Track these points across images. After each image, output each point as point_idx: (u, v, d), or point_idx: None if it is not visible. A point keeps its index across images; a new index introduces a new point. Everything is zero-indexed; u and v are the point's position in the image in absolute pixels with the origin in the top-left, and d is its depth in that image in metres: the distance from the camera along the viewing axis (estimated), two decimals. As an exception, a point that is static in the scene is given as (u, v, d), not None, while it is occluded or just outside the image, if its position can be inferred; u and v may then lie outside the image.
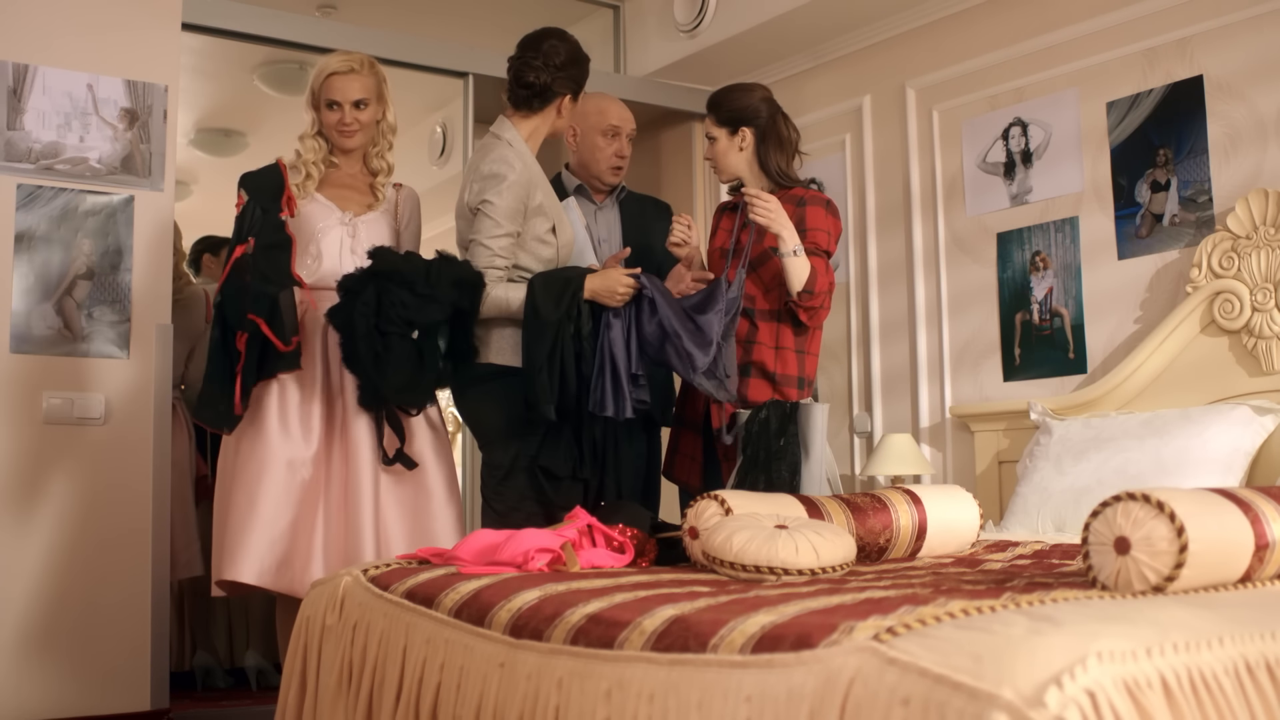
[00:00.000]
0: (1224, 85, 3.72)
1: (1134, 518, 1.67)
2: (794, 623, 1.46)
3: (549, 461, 3.15)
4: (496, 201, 3.13)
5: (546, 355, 3.04)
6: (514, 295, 3.11)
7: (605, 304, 3.07)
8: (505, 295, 3.11)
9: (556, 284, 3.10)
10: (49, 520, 3.60)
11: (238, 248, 3.13)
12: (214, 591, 3.19)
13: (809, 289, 3.27)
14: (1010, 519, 3.58)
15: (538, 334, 3.05)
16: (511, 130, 3.26)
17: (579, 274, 3.13)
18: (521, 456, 3.14)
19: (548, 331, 3.05)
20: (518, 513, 3.12)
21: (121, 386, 3.73)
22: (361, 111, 3.30)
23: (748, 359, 3.33)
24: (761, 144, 3.47)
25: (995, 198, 4.36)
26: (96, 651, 3.62)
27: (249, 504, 3.06)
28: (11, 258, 3.61)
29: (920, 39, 4.66)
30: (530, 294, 3.09)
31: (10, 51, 3.66)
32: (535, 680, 1.68)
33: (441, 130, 6.14)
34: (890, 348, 4.73)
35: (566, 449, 3.16)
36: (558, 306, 3.07)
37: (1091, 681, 1.18)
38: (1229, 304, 3.55)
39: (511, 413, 3.13)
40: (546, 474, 3.16)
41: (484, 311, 3.13)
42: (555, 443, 3.15)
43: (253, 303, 3.02)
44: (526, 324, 3.08)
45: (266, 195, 3.22)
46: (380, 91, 3.36)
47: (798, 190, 3.45)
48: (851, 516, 2.48)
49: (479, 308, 3.08)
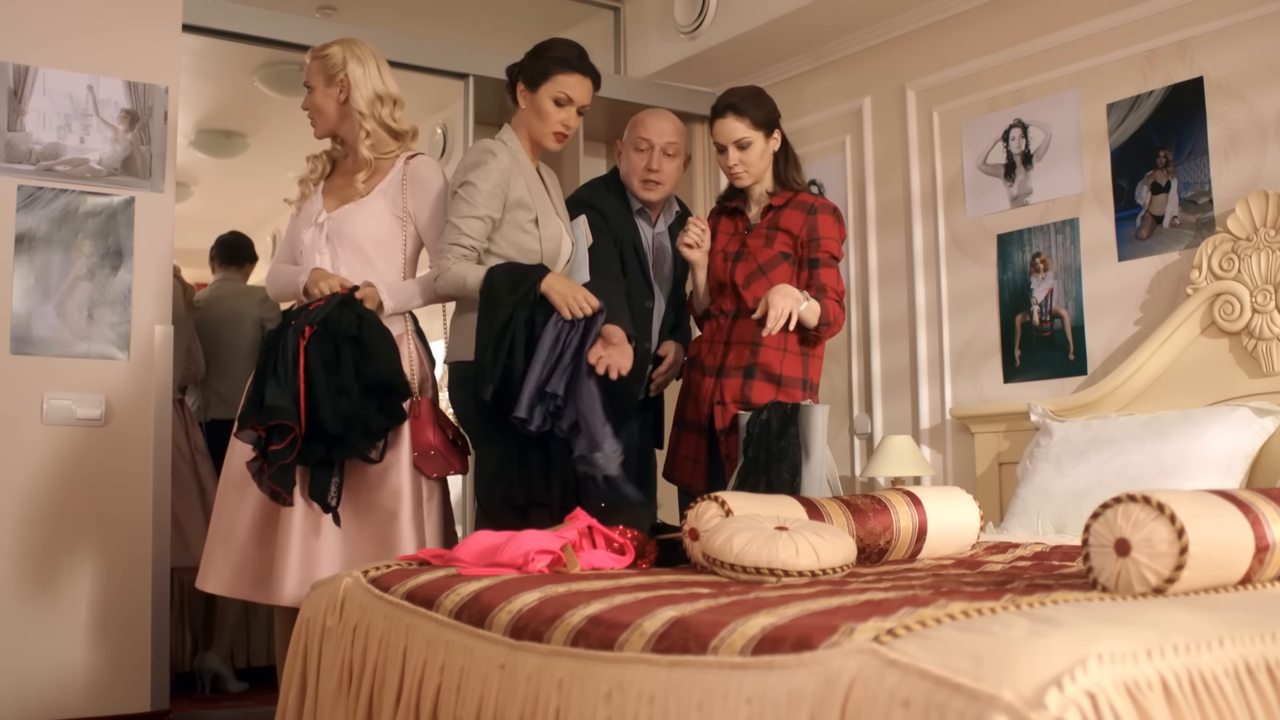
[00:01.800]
0: (1224, 87, 3.72)
1: (1134, 519, 1.67)
2: (794, 624, 1.46)
3: (505, 492, 3.14)
4: (474, 183, 3.16)
5: (495, 336, 3.03)
6: (471, 274, 3.12)
7: (556, 306, 3.06)
8: (463, 273, 3.12)
9: (517, 271, 3.13)
10: (49, 521, 3.60)
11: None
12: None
13: (825, 321, 3.30)
14: (1010, 520, 3.58)
15: (490, 313, 3.06)
16: (508, 131, 3.34)
17: (541, 269, 3.16)
18: (506, 456, 3.13)
19: (500, 314, 3.04)
20: (507, 513, 3.12)
21: (122, 388, 3.73)
22: (312, 96, 3.29)
23: (753, 360, 3.33)
24: (783, 145, 3.48)
25: (995, 199, 4.36)
26: (96, 652, 3.62)
27: (215, 515, 3.15)
28: (12, 259, 3.61)
29: (920, 40, 4.66)
30: (489, 278, 3.10)
31: (11, 53, 3.66)
32: (535, 682, 1.68)
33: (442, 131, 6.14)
34: (890, 349, 4.73)
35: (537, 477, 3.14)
36: (513, 292, 3.07)
37: (1092, 683, 1.18)
38: (1229, 305, 3.55)
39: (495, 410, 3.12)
40: (511, 504, 3.14)
41: (440, 288, 3.16)
42: (526, 472, 3.13)
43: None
44: (482, 302, 3.09)
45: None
46: (330, 74, 3.25)
47: (806, 197, 3.45)
48: (852, 518, 2.48)
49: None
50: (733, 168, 3.42)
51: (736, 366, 3.35)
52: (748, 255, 3.40)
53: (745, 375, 3.33)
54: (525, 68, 3.32)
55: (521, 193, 3.23)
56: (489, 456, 3.16)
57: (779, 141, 3.45)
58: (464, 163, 3.26)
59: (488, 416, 3.10)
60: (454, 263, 3.14)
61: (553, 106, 3.29)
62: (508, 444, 3.11)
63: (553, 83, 3.28)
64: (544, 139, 3.33)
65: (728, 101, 3.40)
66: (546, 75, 3.28)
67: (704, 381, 3.41)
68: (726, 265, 3.42)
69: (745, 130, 3.37)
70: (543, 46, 3.34)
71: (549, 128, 3.31)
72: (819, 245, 3.36)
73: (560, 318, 3.05)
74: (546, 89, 3.28)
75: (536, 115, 3.31)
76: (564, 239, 3.35)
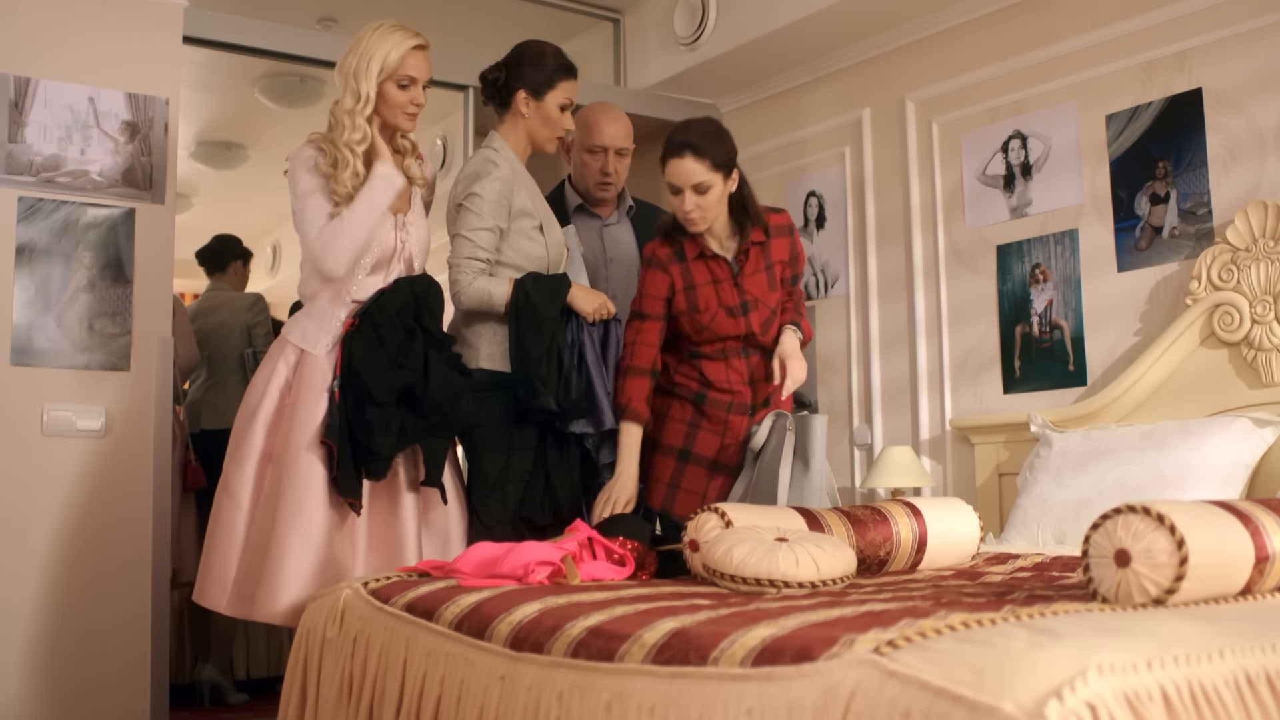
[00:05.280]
0: (1223, 98, 3.73)
1: (1134, 530, 1.67)
2: (794, 635, 1.46)
3: (529, 512, 3.15)
4: (480, 194, 3.17)
5: (547, 349, 3.10)
6: (496, 289, 3.14)
7: (583, 314, 3.21)
8: (487, 288, 3.14)
9: (549, 284, 3.18)
10: (49, 532, 3.60)
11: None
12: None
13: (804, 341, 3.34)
14: (1010, 531, 3.58)
15: (535, 327, 3.11)
16: (499, 139, 3.32)
17: (565, 279, 3.23)
18: (511, 468, 3.14)
19: (545, 327, 3.11)
20: (505, 525, 3.12)
21: (122, 399, 3.73)
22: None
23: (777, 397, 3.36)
24: (740, 183, 3.20)
25: (995, 210, 4.37)
26: (96, 663, 3.62)
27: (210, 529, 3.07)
28: (12, 270, 3.61)
29: (920, 52, 4.67)
30: (523, 290, 3.13)
31: (12, 64, 3.67)
32: (536, 693, 1.68)
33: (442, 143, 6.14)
34: (890, 360, 4.73)
35: (545, 497, 3.16)
36: (553, 304, 3.14)
37: (1092, 694, 1.18)
38: (1228, 316, 3.56)
39: (506, 421, 3.13)
40: (528, 524, 3.16)
41: (464, 303, 3.16)
42: (534, 492, 3.15)
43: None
44: (522, 317, 3.11)
45: None
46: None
47: (773, 217, 3.31)
48: (852, 529, 2.48)
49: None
50: (689, 213, 3.11)
51: (765, 404, 3.32)
52: (755, 303, 3.25)
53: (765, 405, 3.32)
54: (526, 77, 3.30)
55: (524, 201, 3.24)
56: (490, 467, 3.15)
57: (736, 182, 3.16)
58: (464, 174, 3.25)
59: (506, 426, 3.12)
60: (474, 277, 3.14)
61: (558, 112, 3.31)
62: (521, 456, 3.14)
63: (559, 89, 3.30)
64: (548, 144, 3.36)
65: (685, 140, 3.07)
66: (553, 83, 3.29)
67: (737, 421, 3.27)
68: (736, 320, 3.23)
69: (704, 173, 3.07)
70: (534, 54, 3.32)
71: (554, 132, 3.34)
72: (799, 260, 3.37)
73: (586, 324, 3.21)
74: (553, 96, 3.30)
75: (543, 122, 3.31)
76: (565, 243, 3.37)
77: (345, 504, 2.90)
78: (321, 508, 2.88)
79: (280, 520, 2.85)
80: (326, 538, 2.88)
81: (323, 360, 2.97)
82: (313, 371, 2.97)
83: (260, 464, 2.98)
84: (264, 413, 2.99)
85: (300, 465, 2.89)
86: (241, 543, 2.95)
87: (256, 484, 2.97)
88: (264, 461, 2.98)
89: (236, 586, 2.91)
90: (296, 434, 2.91)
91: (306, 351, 3.00)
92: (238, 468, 2.98)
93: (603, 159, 3.62)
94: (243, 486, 2.96)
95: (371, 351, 2.92)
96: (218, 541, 2.96)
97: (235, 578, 2.92)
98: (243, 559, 2.93)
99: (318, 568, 2.84)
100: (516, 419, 3.13)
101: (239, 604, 2.90)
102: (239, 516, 2.96)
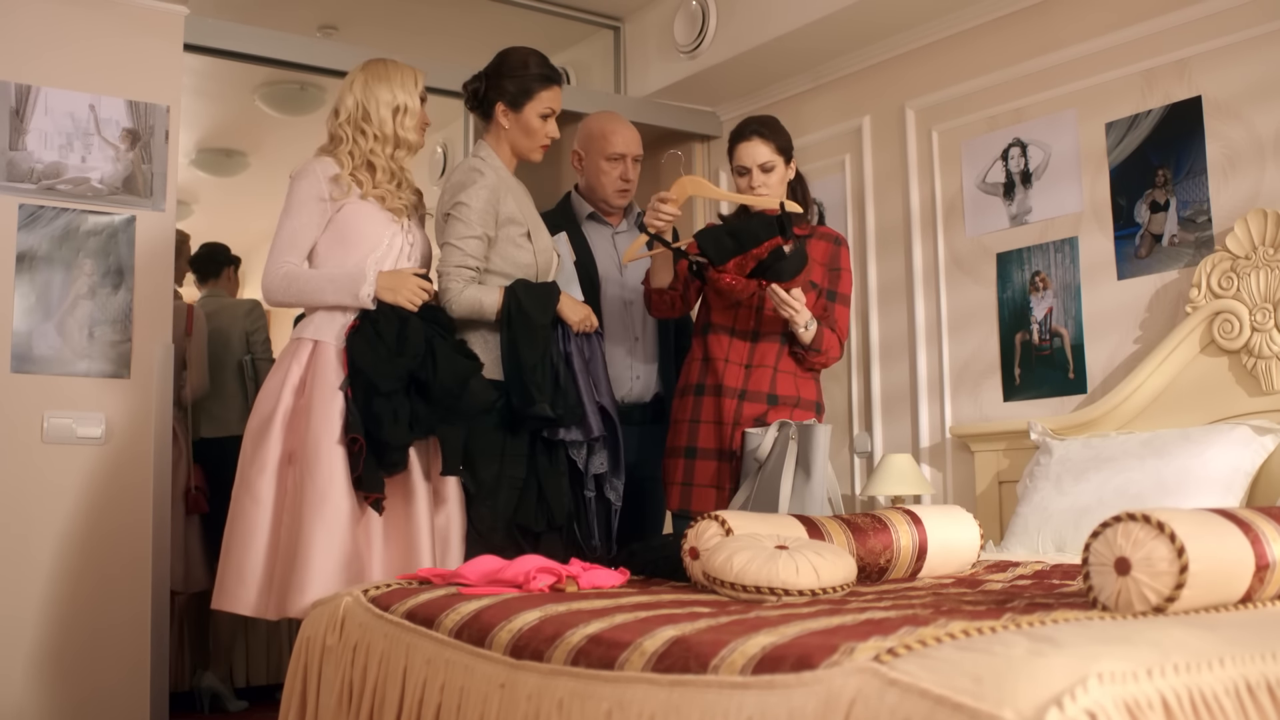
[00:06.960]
0: (1222, 106, 3.73)
1: (1134, 538, 1.67)
2: (795, 643, 1.46)
3: (524, 519, 3.15)
4: (467, 202, 3.18)
5: (540, 358, 3.12)
6: (486, 298, 3.15)
7: (570, 324, 3.23)
8: (478, 296, 3.15)
9: (539, 292, 3.21)
10: (48, 540, 3.60)
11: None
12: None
13: (816, 347, 3.38)
14: (1010, 539, 3.58)
15: (529, 334, 3.12)
16: (485, 148, 3.35)
17: (554, 288, 3.25)
18: (504, 475, 3.14)
19: (539, 335, 3.13)
20: (497, 532, 3.12)
21: (122, 406, 3.73)
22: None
23: (774, 389, 3.39)
24: (798, 177, 3.53)
25: (995, 218, 4.37)
26: (96, 670, 3.62)
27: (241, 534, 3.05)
28: (13, 278, 3.62)
29: (920, 60, 4.68)
30: (514, 297, 3.14)
31: (12, 72, 3.67)
32: (536, 701, 1.68)
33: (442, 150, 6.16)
34: (890, 368, 4.73)
35: (539, 504, 3.16)
36: (545, 314, 3.16)
37: (1092, 702, 1.18)
38: (1228, 324, 3.56)
39: (499, 428, 3.13)
40: (523, 531, 3.16)
41: (455, 312, 3.17)
42: (528, 499, 3.16)
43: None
44: (515, 324, 3.12)
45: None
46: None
47: (827, 230, 3.55)
48: (852, 537, 2.48)
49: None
50: (756, 189, 3.41)
51: (759, 391, 3.37)
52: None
53: (769, 403, 3.38)
54: (503, 89, 3.31)
55: (511, 209, 3.25)
56: (484, 473, 3.15)
57: (794, 171, 3.49)
58: (450, 184, 3.27)
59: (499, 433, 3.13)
60: (465, 286, 3.15)
61: (539, 122, 3.32)
62: (514, 463, 3.14)
63: (537, 100, 3.31)
64: (532, 154, 3.37)
65: (753, 126, 3.42)
66: (530, 94, 3.30)
67: (726, 404, 3.38)
68: (748, 284, 3.33)
69: (770, 154, 3.39)
70: (513, 63, 3.33)
71: (537, 142, 3.35)
72: (840, 277, 3.47)
73: (573, 334, 3.22)
74: (532, 107, 3.31)
75: (524, 133, 3.33)
76: (553, 251, 3.38)
77: (363, 499, 2.95)
78: (344, 501, 2.92)
79: (305, 516, 2.88)
80: (350, 532, 2.91)
81: (335, 355, 3.01)
82: (326, 368, 3.01)
83: (281, 465, 3.00)
84: (280, 414, 3.02)
85: (321, 461, 2.92)
86: (267, 544, 2.96)
87: (279, 485, 2.99)
88: (284, 463, 3.00)
89: (267, 586, 2.93)
90: (315, 431, 2.94)
91: (320, 343, 3.04)
92: (259, 471, 2.99)
93: (623, 166, 3.71)
94: (265, 489, 2.97)
95: (371, 345, 2.97)
96: (239, 545, 2.96)
97: (264, 578, 2.93)
98: (272, 559, 2.94)
99: (344, 562, 2.87)
100: (510, 426, 3.14)
101: (270, 604, 2.92)
102: (263, 518, 2.96)
